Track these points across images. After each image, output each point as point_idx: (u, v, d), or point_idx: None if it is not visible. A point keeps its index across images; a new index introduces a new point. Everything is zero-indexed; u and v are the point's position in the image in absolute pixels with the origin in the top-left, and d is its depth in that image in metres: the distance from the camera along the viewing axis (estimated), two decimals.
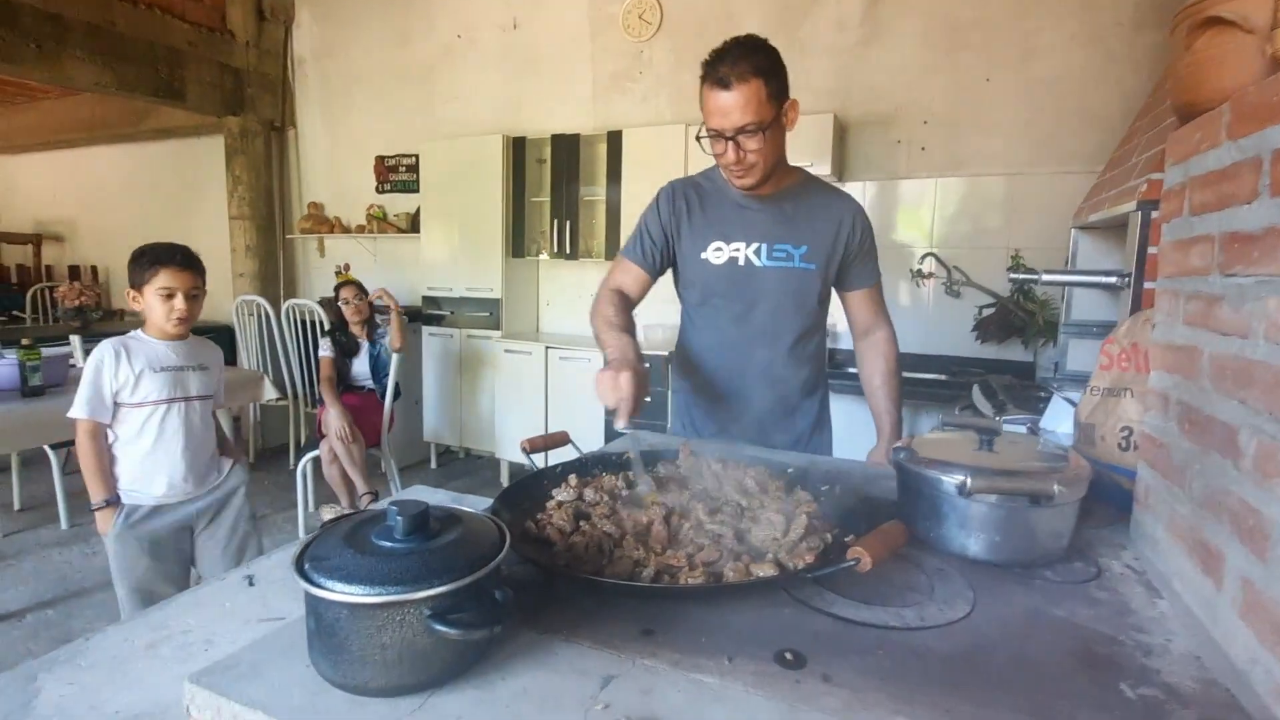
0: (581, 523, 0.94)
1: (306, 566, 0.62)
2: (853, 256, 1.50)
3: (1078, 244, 1.83)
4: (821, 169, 3.36)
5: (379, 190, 5.16)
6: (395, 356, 3.53)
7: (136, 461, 1.81)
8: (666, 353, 3.74)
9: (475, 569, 0.62)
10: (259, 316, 4.31)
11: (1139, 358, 1.09)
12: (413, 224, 4.90)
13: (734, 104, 1.27)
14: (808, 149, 3.40)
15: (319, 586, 0.59)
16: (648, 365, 1.33)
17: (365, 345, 3.57)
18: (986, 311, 3.26)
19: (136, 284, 1.77)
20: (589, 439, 3.88)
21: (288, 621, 0.79)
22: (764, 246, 1.46)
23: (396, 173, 5.10)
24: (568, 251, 4.19)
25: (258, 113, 5.13)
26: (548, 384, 4.07)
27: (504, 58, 4.54)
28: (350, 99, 5.16)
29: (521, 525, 0.95)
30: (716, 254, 1.48)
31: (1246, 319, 0.71)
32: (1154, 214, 1.30)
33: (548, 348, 4.04)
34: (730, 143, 1.31)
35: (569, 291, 4.60)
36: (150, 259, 1.75)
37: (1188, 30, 0.83)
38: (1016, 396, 2.24)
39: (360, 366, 3.57)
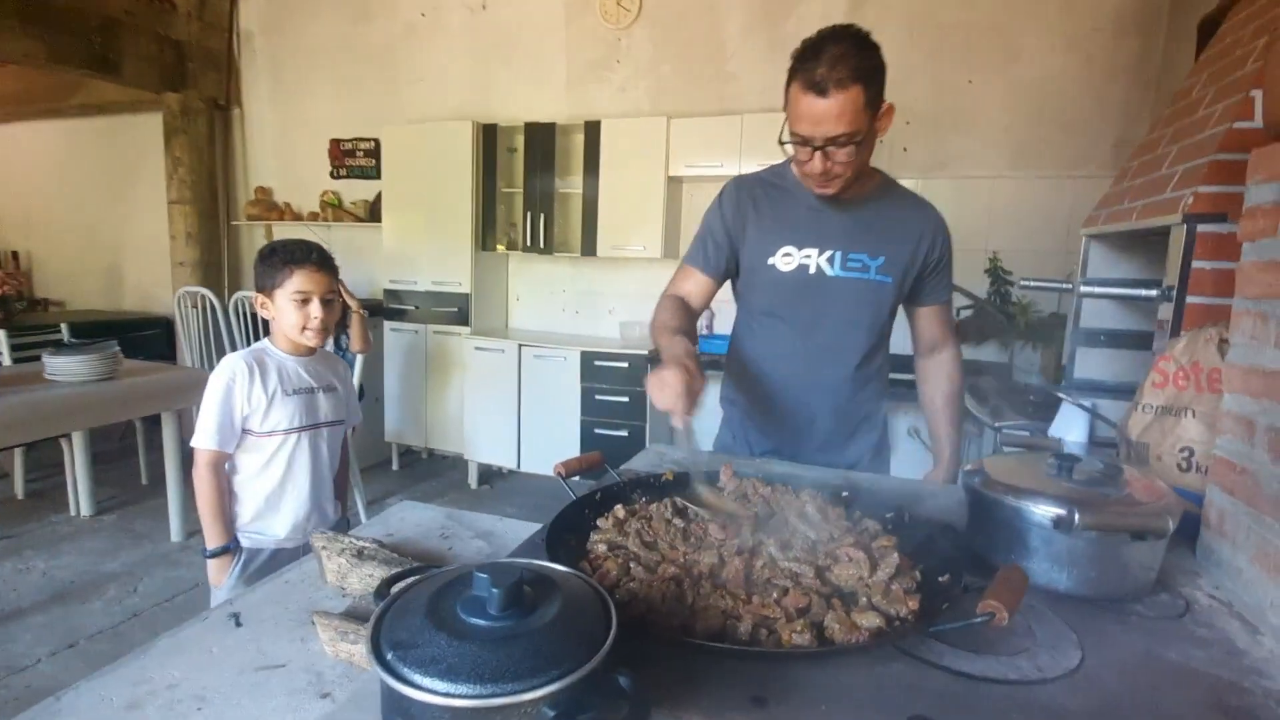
0: (632, 565, 0.85)
1: (390, 656, 0.50)
2: (930, 271, 1.40)
3: (1089, 252, 1.84)
4: None
5: (334, 176, 4.88)
6: (358, 358, 3.33)
7: (261, 499, 1.54)
8: (646, 351, 3.66)
9: (594, 649, 0.52)
10: (202, 309, 4.01)
11: (1200, 377, 1.07)
12: (372, 212, 4.65)
13: (828, 113, 1.13)
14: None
15: (412, 685, 0.48)
16: (703, 365, 1.20)
17: (330, 345, 3.34)
18: (965, 313, 3.30)
19: (267, 287, 1.51)
20: (568, 451, 3.77)
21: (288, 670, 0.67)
22: (838, 255, 1.34)
23: (354, 158, 4.83)
24: (541, 245, 4.05)
25: (200, 90, 4.76)
26: (520, 383, 3.92)
27: (472, 40, 4.34)
28: (303, 78, 4.85)
29: (575, 568, 0.86)
30: (785, 260, 1.36)
31: None
32: (1200, 228, 1.29)
33: (521, 345, 3.90)
34: (818, 153, 1.18)
35: (541, 287, 4.45)
36: (283, 258, 1.49)
37: None
38: (1009, 400, 2.25)
39: None
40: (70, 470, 3.38)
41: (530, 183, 4.03)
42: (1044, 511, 0.85)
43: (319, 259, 1.51)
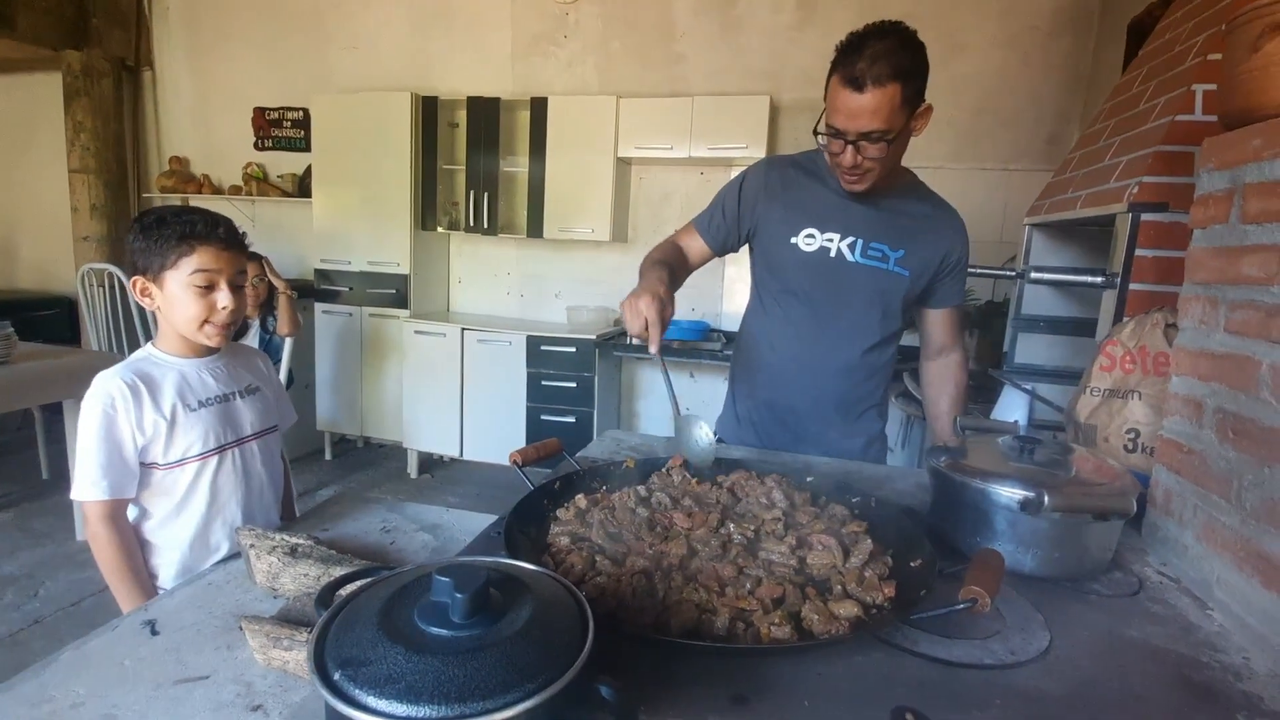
0: (598, 558, 0.80)
1: (338, 676, 0.44)
2: (946, 274, 1.41)
3: (1032, 240, 1.89)
4: (756, 151, 3.32)
5: (258, 147, 4.56)
6: (287, 341, 3.13)
7: (184, 545, 1.20)
8: (594, 336, 3.59)
9: (571, 657, 0.47)
10: (109, 288, 3.68)
11: (1147, 360, 1.10)
12: (300, 187, 4.38)
13: (864, 108, 1.13)
14: (742, 131, 3.35)
15: (365, 709, 0.42)
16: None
17: (255, 327, 3.13)
18: None
19: (152, 268, 1.15)
20: (514, 439, 3.68)
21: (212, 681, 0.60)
22: (860, 242, 1.35)
23: (280, 128, 4.52)
24: (485, 226, 3.90)
25: (105, 48, 4.34)
26: (463, 368, 3.79)
27: (410, 7, 4.11)
28: (223, 40, 4.49)
29: (537, 563, 0.80)
30: (808, 241, 1.36)
31: None
32: (1144, 216, 1.33)
33: (464, 329, 3.76)
34: (849, 147, 1.18)
35: (485, 269, 4.31)
36: (178, 231, 1.13)
37: (1259, 32, 0.80)
38: None
39: None
40: None
41: (473, 160, 3.87)
42: (1011, 494, 0.85)
43: (228, 234, 1.19)
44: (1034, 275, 1.53)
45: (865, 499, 0.98)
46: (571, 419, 3.62)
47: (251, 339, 3.16)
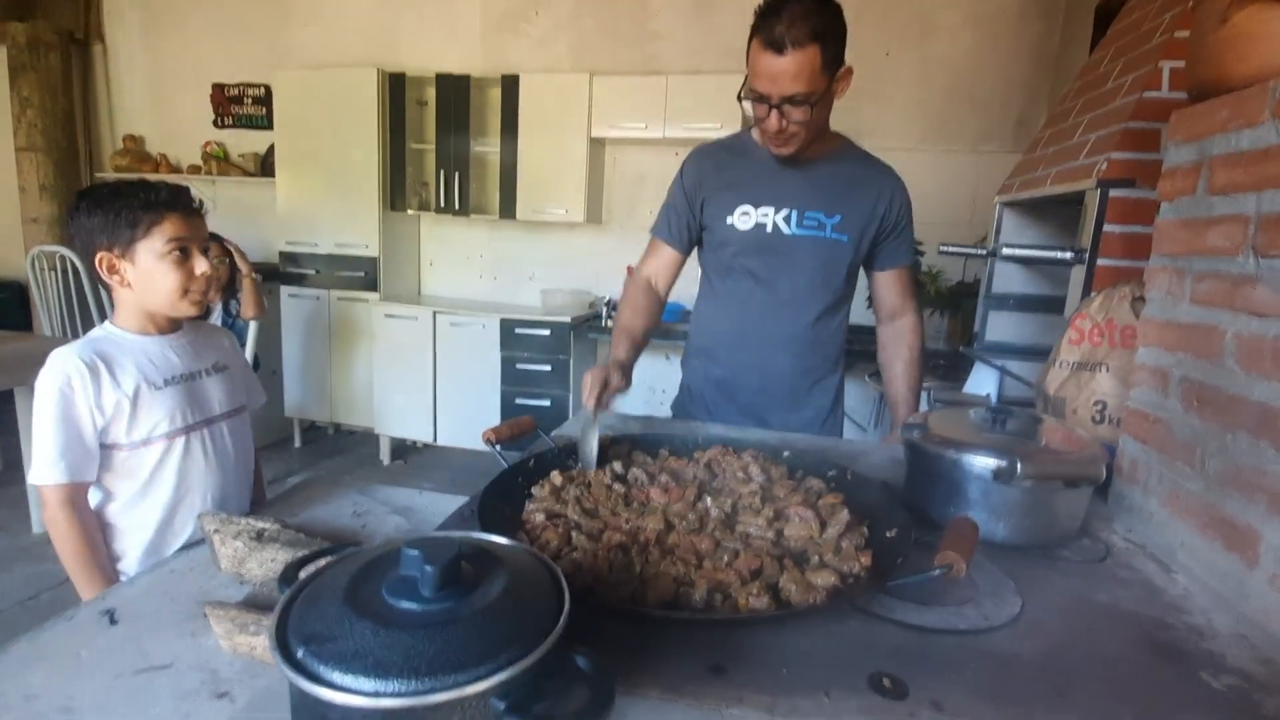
0: (574, 534, 0.79)
1: (301, 653, 0.42)
2: (887, 233, 1.40)
3: (1003, 218, 1.91)
4: (732, 131, 3.29)
5: (218, 125, 4.40)
6: (252, 326, 3.04)
7: (150, 529, 1.16)
8: (569, 319, 3.57)
9: (546, 628, 0.46)
10: (62, 271, 3.53)
11: (1114, 333, 1.11)
12: (263, 167, 4.24)
13: (785, 70, 1.14)
14: (717, 110, 3.32)
15: (332, 685, 0.40)
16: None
17: (218, 311, 3.03)
18: None
19: (119, 243, 1.09)
20: (488, 423, 3.60)
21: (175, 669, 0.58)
22: (794, 213, 1.36)
23: (241, 105, 4.37)
24: (456, 207, 3.83)
25: (52, 20, 4.13)
26: (435, 352, 3.73)
27: None
28: (178, 12, 4.30)
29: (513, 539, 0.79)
30: (744, 218, 1.37)
31: None
32: (1112, 193, 1.35)
33: (436, 312, 3.70)
34: (774, 111, 1.19)
35: (457, 251, 4.23)
36: (143, 201, 1.08)
37: (1227, 4, 0.81)
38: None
39: None
40: None
41: (443, 139, 3.78)
42: (985, 463, 0.85)
43: (189, 200, 1.15)
44: (1005, 252, 1.54)
45: (841, 472, 0.99)
46: (547, 402, 3.60)
47: (214, 323, 3.06)
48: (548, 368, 3.58)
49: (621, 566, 0.72)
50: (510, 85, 3.60)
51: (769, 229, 1.36)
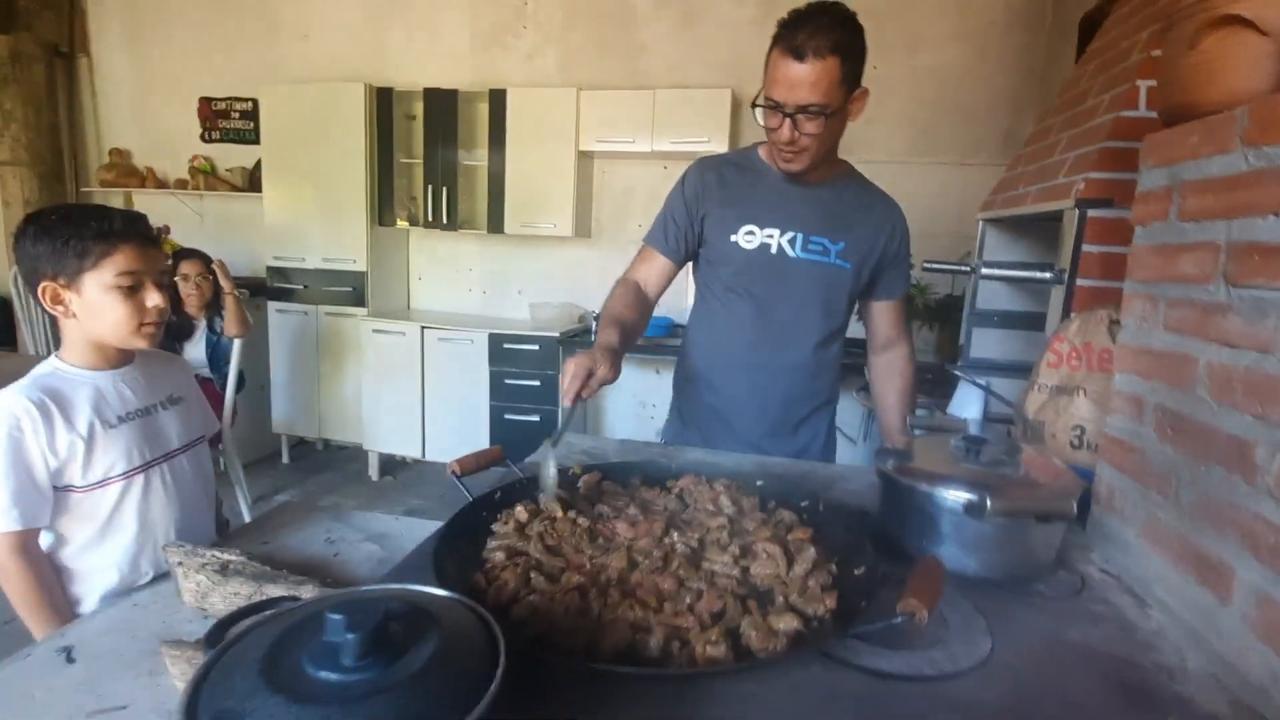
0: (533, 574, 0.77)
1: None
2: (887, 264, 1.40)
3: (985, 235, 1.90)
4: (718, 145, 3.30)
5: (205, 139, 4.39)
6: (236, 343, 3.01)
7: (111, 571, 1.11)
8: (558, 333, 3.54)
9: (476, 695, 0.44)
10: None
11: (1092, 357, 1.10)
12: (251, 181, 4.22)
13: (803, 79, 1.14)
14: (704, 124, 3.32)
15: None
16: (619, 361, 1.17)
17: (202, 328, 3.01)
18: None
19: (65, 272, 1.05)
20: (476, 440, 3.60)
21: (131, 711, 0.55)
22: (799, 236, 1.34)
23: (228, 119, 4.36)
24: (444, 221, 3.81)
25: (34, 32, 4.11)
26: (424, 367, 3.71)
27: None
28: (165, 25, 4.30)
29: (469, 581, 0.76)
30: (748, 238, 1.35)
31: (1271, 333, 0.69)
32: (1090, 213, 1.34)
33: (424, 327, 3.67)
34: (787, 120, 1.18)
35: (445, 265, 4.21)
36: (94, 231, 1.04)
37: (1196, 28, 0.80)
38: None
39: (194, 353, 3.01)
40: None
41: (431, 153, 3.78)
42: (956, 497, 0.83)
43: (145, 230, 1.11)
44: (985, 271, 1.53)
45: (814, 503, 0.97)
46: (536, 418, 3.57)
47: (199, 340, 3.04)
48: (537, 383, 3.56)
49: (578, 611, 0.70)
50: (498, 99, 3.60)
51: (773, 250, 1.34)
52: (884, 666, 0.68)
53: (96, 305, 1.06)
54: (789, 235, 1.34)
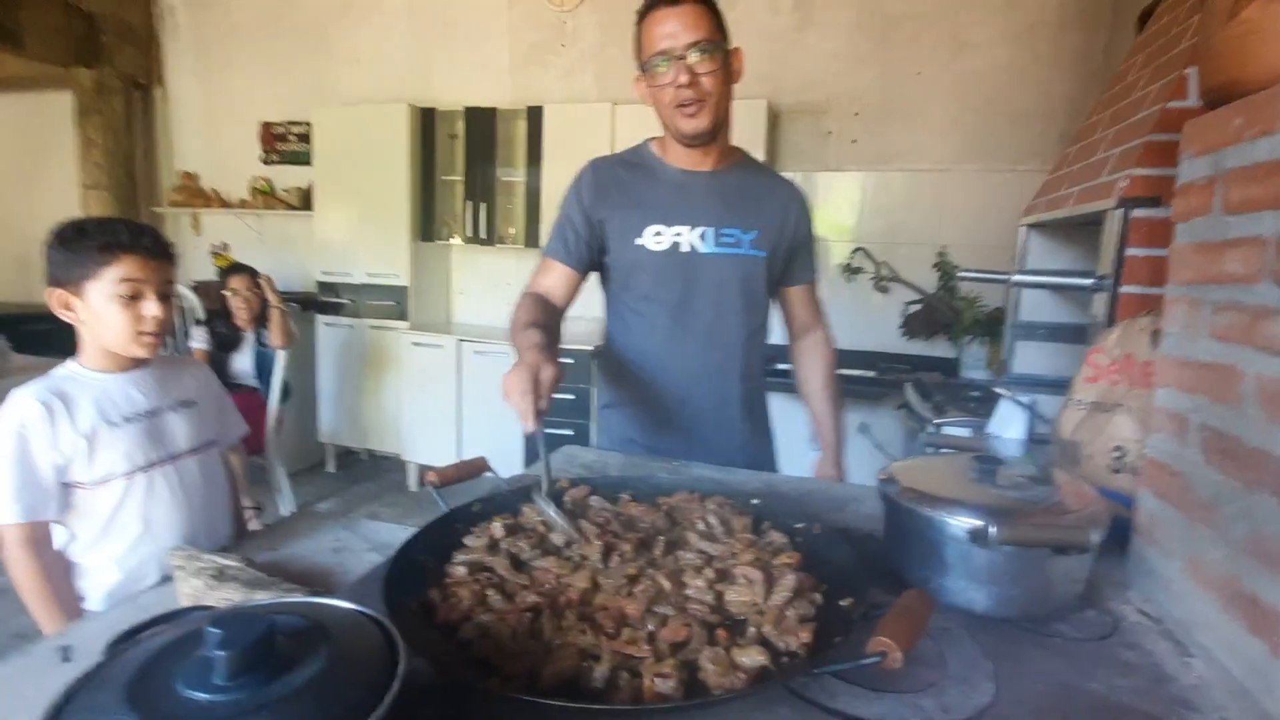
0: (490, 593, 0.72)
1: None
2: (797, 247, 1.38)
3: (1029, 242, 1.78)
4: (755, 155, 3.23)
5: (265, 161, 4.61)
6: (281, 354, 3.12)
7: (115, 568, 1.15)
8: (591, 347, 3.53)
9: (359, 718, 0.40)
10: None
11: (1133, 370, 0.99)
12: (305, 200, 4.41)
13: (684, 19, 1.16)
14: (741, 136, 3.23)
15: None
16: (563, 360, 1.08)
17: (250, 339, 3.13)
18: (913, 308, 3.26)
19: (72, 280, 1.10)
20: (511, 452, 3.62)
21: None
22: (710, 231, 1.28)
23: (286, 142, 4.57)
24: (483, 236, 3.87)
25: (116, 66, 4.43)
26: (460, 380, 3.75)
27: (410, 19, 4.13)
28: (230, 56, 4.56)
29: (423, 598, 0.73)
30: (656, 240, 1.29)
31: None
32: (1135, 213, 1.22)
33: (460, 341, 3.72)
34: (684, 67, 1.17)
35: (485, 280, 4.28)
36: (99, 241, 1.09)
37: None
38: (953, 396, 2.19)
39: (242, 363, 3.13)
40: None
41: (472, 170, 3.85)
42: (959, 523, 0.75)
43: (154, 244, 1.14)
44: (1016, 279, 1.42)
45: (810, 525, 0.89)
46: (569, 431, 3.55)
47: (247, 350, 3.16)
48: (570, 396, 3.54)
49: (527, 634, 0.65)
50: (535, 116, 3.64)
51: (684, 248, 1.28)
52: (861, 712, 0.60)
53: (99, 313, 1.10)
54: (699, 231, 1.28)
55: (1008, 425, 1.66)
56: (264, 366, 3.15)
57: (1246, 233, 0.71)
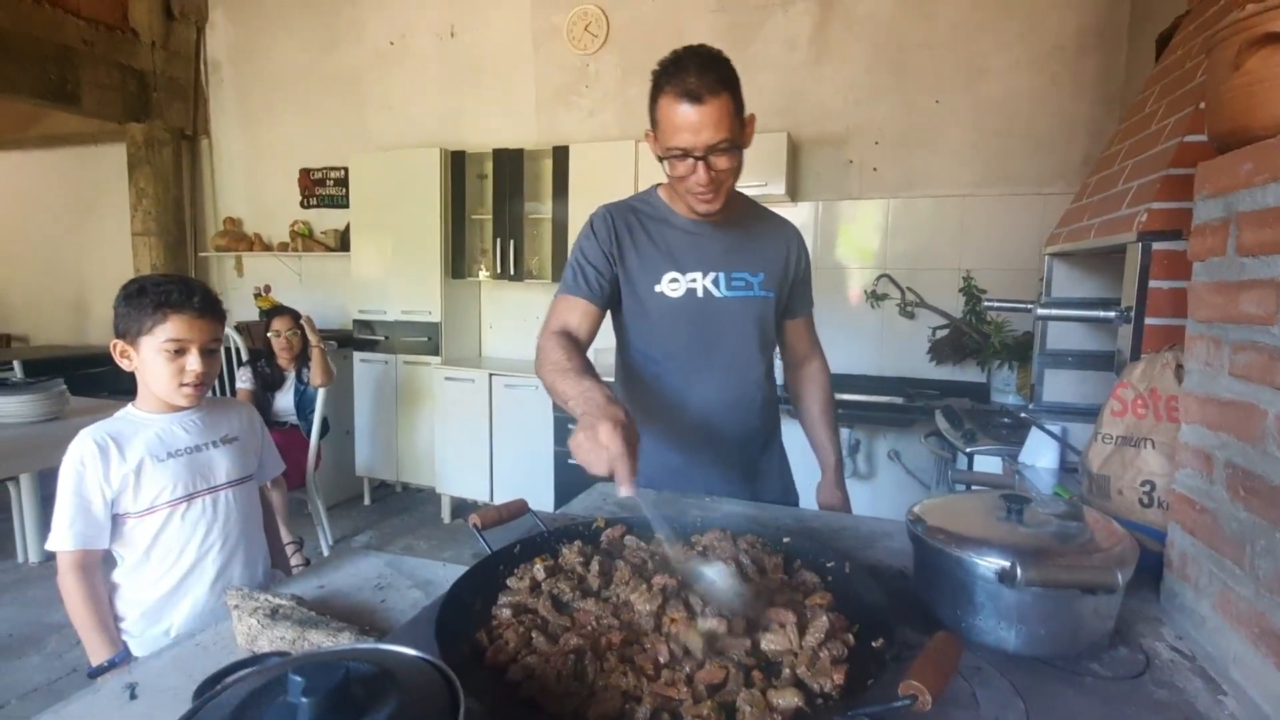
0: (535, 635, 0.76)
1: None
2: (797, 283, 1.46)
3: (1053, 271, 1.79)
4: (775, 189, 3.29)
5: (304, 205, 4.81)
6: (321, 391, 3.23)
7: (152, 591, 1.27)
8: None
9: None
10: None
11: (1159, 405, 1.00)
12: (342, 242, 4.58)
13: (707, 120, 1.14)
14: (761, 169, 3.33)
15: None
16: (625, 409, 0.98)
17: (292, 379, 3.24)
18: (940, 333, 3.25)
19: (130, 333, 1.24)
20: (541, 484, 3.67)
21: None
22: (722, 276, 1.35)
23: (324, 186, 4.77)
24: (511, 272, 3.98)
25: (165, 119, 4.70)
26: (492, 414, 3.83)
27: (441, 67, 4.31)
28: (272, 106, 4.80)
29: (471, 639, 0.77)
30: (673, 286, 1.34)
31: None
32: (1156, 246, 1.23)
33: (491, 375, 3.81)
34: (700, 163, 1.18)
35: (513, 315, 4.38)
36: (154, 300, 1.22)
37: (1237, 49, 0.73)
38: (983, 424, 2.18)
39: (284, 402, 3.24)
40: (18, 514, 3.25)
41: (500, 209, 3.98)
42: (987, 564, 0.77)
43: (202, 304, 1.26)
44: (1040, 311, 1.43)
45: (840, 564, 0.92)
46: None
47: (288, 389, 3.28)
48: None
49: (572, 676, 0.69)
50: (560, 155, 3.76)
51: (700, 294, 1.34)
52: None
53: (148, 363, 1.25)
54: (711, 276, 1.34)
55: (1039, 455, 1.65)
56: (304, 404, 3.26)
57: (1261, 275, 0.73)
